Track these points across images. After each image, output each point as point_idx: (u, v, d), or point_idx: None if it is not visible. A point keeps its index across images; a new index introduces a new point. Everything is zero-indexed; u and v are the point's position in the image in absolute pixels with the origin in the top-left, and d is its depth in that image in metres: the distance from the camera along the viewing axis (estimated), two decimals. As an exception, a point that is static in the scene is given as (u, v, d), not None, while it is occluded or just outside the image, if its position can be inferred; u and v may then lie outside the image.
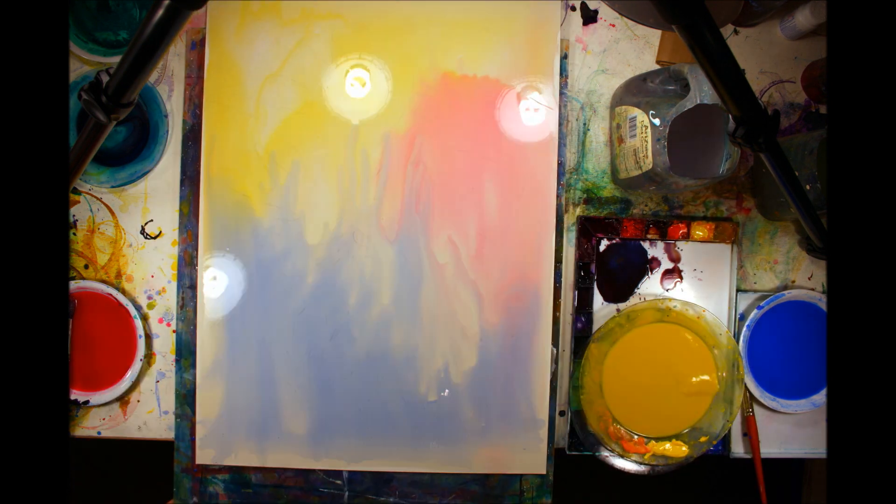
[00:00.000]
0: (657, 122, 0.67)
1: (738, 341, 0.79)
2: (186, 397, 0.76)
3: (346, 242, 0.76)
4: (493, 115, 0.76)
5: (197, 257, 0.76)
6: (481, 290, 0.76)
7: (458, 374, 0.76)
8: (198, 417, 0.76)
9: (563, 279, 0.77)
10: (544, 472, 0.77)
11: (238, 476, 0.77)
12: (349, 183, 0.76)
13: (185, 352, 0.76)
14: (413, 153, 0.76)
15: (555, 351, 0.77)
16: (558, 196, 0.76)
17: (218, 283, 0.76)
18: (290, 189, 0.76)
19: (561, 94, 0.76)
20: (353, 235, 0.76)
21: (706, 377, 0.77)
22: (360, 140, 0.76)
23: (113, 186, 0.77)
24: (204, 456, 0.76)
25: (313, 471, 0.77)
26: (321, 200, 0.76)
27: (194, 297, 0.76)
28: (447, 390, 0.76)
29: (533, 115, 0.76)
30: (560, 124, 0.76)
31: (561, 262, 0.77)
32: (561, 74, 0.76)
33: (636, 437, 0.78)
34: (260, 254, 0.76)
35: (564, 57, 0.77)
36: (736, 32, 0.79)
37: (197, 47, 0.76)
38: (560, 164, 0.76)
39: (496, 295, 0.76)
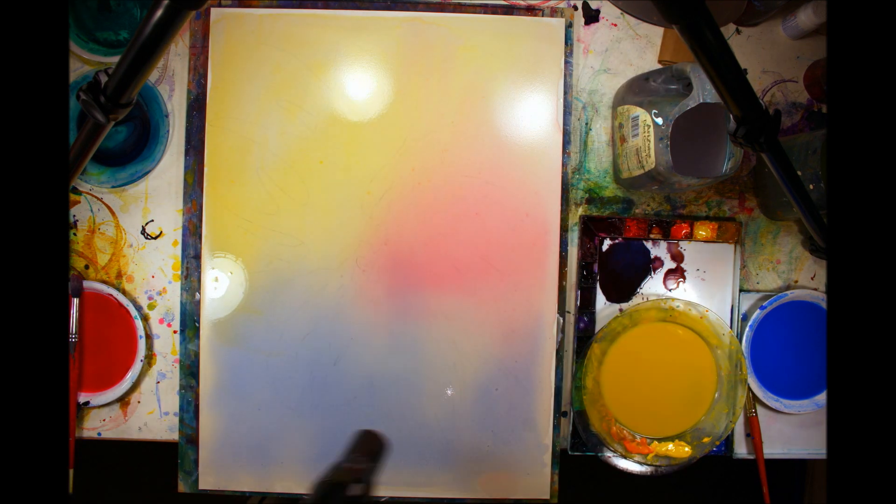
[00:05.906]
0: (660, 121, 0.67)
1: (740, 341, 0.78)
2: (190, 368, 0.76)
3: (349, 269, 0.77)
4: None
5: (201, 226, 0.76)
6: (482, 317, 0.77)
7: (462, 398, 0.77)
8: (200, 440, 0.77)
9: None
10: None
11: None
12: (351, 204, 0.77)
13: (189, 322, 0.76)
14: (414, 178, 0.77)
15: (561, 320, 0.77)
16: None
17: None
18: (293, 210, 0.77)
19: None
20: (356, 262, 0.76)
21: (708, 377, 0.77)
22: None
23: (113, 186, 0.77)
24: (206, 483, 0.77)
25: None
26: (324, 225, 0.76)
27: (198, 266, 0.77)
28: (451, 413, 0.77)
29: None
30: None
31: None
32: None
33: (639, 437, 0.78)
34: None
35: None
36: (738, 32, 0.79)
37: (202, 16, 0.75)
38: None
39: (499, 321, 0.77)
